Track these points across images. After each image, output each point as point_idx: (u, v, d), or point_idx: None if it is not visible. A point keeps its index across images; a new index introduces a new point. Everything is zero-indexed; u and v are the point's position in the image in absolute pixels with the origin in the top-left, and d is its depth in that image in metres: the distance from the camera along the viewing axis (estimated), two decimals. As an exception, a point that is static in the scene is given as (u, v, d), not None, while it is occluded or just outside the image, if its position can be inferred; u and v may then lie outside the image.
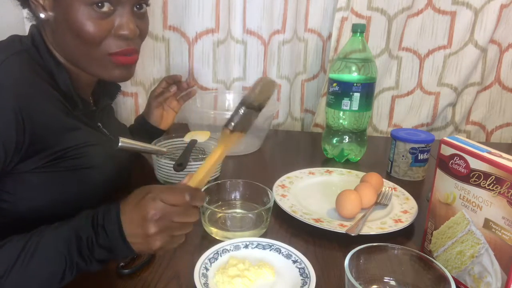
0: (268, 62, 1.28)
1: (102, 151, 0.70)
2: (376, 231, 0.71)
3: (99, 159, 0.69)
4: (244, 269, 0.59)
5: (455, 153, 0.59)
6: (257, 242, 0.65)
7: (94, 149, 0.68)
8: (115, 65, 0.67)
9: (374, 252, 0.55)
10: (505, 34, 1.27)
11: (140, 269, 0.61)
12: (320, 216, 0.76)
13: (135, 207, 0.51)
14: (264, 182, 0.79)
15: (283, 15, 1.23)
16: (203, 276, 0.57)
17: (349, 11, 1.21)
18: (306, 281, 0.57)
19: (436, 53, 1.29)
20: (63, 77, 0.66)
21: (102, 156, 0.70)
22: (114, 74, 0.69)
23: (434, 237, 0.64)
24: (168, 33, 1.21)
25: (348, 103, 1.00)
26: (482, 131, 1.40)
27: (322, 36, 1.28)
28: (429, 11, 1.25)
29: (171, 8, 1.19)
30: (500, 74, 1.32)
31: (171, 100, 1.00)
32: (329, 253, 0.68)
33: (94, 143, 0.68)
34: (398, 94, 1.35)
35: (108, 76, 0.69)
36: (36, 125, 0.59)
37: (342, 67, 1.00)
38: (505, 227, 0.52)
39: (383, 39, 1.26)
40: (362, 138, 1.07)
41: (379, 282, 0.56)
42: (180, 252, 0.66)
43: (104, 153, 0.71)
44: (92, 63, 0.67)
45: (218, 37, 1.22)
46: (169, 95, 0.98)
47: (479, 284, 0.57)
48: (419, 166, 0.98)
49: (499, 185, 0.53)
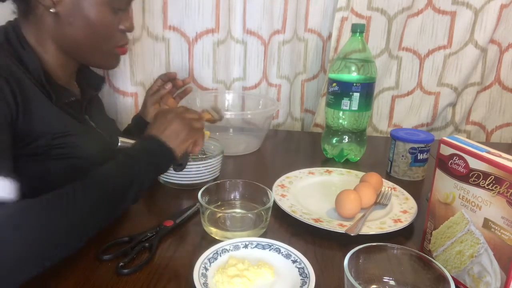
0: (268, 62, 1.28)
1: (90, 142, 0.73)
2: (375, 231, 0.71)
3: (87, 150, 0.71)
4: (244, 269, 0.59)
5: (455, 153, 0.59)
6: (256, 242, 0.65)
7: (81, 140, 0.71)
8: (116, 56, 0.79)
9: (373, 252, 0.55)
10: (505, 34, 1.27)
11: (140, 269, 0.61)
12: (320, 216, 0.77)
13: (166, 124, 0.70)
14: (263, 182, 0.79)
15: (283, 15, 1.23)
16: (203, 276, 0.57)
17: (349, 11, 1.21)
18: (306, 281, 0.57)
19: (436, 53, 1.29)
20: (36, 67, 0.68)
21: (90, 148, 0.72)
22: (112, 64, 0.80)
23: (433, 237, 0.64)
24: (168, 33, 1.21)
25: (348, 103, 1.00)
26: (482, 131, 1.40)
27: (322, 36, 1.29)
28: (429, 11, 1.25)
29: (171, 8, 1.19)
30: (500, 74, 1.32)
31: (167, 98, 1.00)
32: (328, 253, 0.68)
33: (81, 133, 0.71)
34: (398, 94, 1.35)
35: (107, 65, 0.81)
36: (25, 101, 0.62)
37: (341, 67, 1.00)
38: (504, 227, 0.52)
39: (383, 39, 1.26)
40: (362, 138, 1.07)
41: (378, 282, 0.56)
42: (180, 252, 0.67)
43: (93, 145, 0.73)
44: (98, 55, 0.76)
45: (218, 37, 1.22)
46: (164, 92, 0.98)
47: (479, 283, 0.57)
48: (418, 166, 0.98)
49: (498, 185, 0.53)
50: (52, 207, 0.53)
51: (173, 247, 0.68)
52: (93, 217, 0.57)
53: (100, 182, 0.59)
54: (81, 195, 0.55)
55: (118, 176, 0.62)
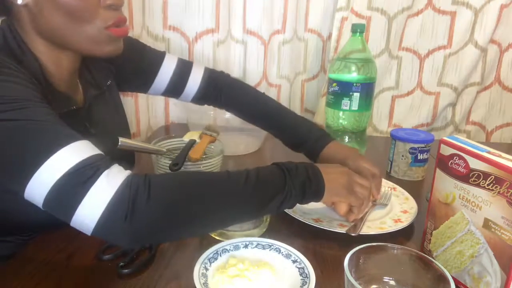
0: (268, 62, 1.28)
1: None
2: (375, 231, 0.71)
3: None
4: (244, 269, 0.59)
5: (455, 153, 0.59)
6: (256, 242, 0.65)
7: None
8: (110, 39, 0.66)
9: (373, 252, 0.55)
10: (505, 34, 1.27)
11: (140, 269, 0.61)
12: (320, 216, 0.76)
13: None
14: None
15: (283, 15, 1.23)
16: (203, 276, 0.57)
17: (349, 11, 1.21)
18: (306, 281, 0.57)
19: (436, 53, 1.29)
20: (36, 71, 0.63)
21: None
22: (107, 49, 0.67)
23: (433, 237, 0.64)
24: (168, 33, 1.21)
25: (348, 103, 1.00)
26: (482, 131, 1.40)
27: (322, 36, 1.29)
28: (429, 11, 1.25)
29: (171, 8, 1.19)
30: (500, 74, 1.32)
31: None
32: (328, 253, 0.68)
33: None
34: (398, 94, 1.35)
35: (100, 52, 0.67)
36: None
37: (341, 67, 1.00)
38: (504, 227, 0.52)
39: (383, 39, 1.26)
40: (362, 138, 1.07)
41: (378, 282, 0.56)
42: (180, 252, 0.67)
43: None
44: (85, 41, 0.65)
45: (218, 37, 1.22)
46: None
47: (479, 283, 0.57)
48: (418, 166, 0.98)
49: (498, 185, 0.53)
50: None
51: (173, 247, 0.68)
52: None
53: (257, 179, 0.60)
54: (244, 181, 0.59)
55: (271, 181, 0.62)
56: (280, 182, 0.61)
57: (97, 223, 0.50)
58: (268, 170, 0.62)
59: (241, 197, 0.59)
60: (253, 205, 0.60)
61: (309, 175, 0.64)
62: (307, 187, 0.63)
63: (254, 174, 0.60)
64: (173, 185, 0.55)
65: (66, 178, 0.50)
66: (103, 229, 0.51)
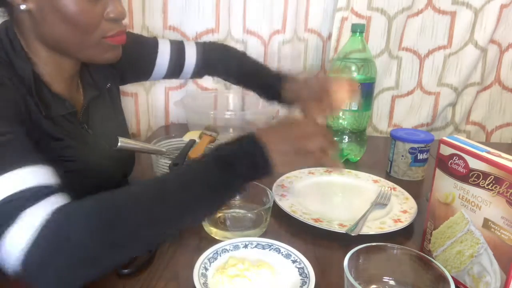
0: (268, 62, 1.28)
1: (83, 153, 0.69)
2: (375, 231, 0.71)
3: (79, 163, 0.67)
4: (244, 269, 0.59)
5: (454, 153, 0.59)
6: (256, 242, 0.65)
7: (73, 152, 0.67)
8: (109, 47, 0.67)
9: (373, 252, 0.55)
10: (505, 34, 1.27)
11: (140, 269, 0.61)
12: (320, 216, 0.77)
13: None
14: (263, 182, 0.79)
15: (283, 15, 1.23)
16: (203, 276, 0.57)
17: (349, 11, 1.21)
18: (306, 280, 0.57)
19: (436, 53, 1.29)
20: (27, 75, 0.63)
21: (83, 158, 0.68)
22: (107, 56, 0.69)
23: (433, 237, 0.64)
24: (168, 33, 1.21)
25: (348, 103, 1.00)
26: (482, 131, 1.40)
27: (322, 36, 1.28)
28: (429, 11, 1.25)
29: (171, 8, 1.19)
30: (500, 74, 1.32)
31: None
32: (328, 253, 0.68)
33: (74, 145, 0.67)
34: (398, 94, 1.35)
35: (100, 59, 0.69)
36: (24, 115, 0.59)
37: (341, 67, 1.00)
38: (504, 227, 0.52)
39: (383, 39, 1.26)
40: (362, 138, 1.07)
41: (378, 282, 0.56)
42: (180, 252, 0.67)
43: (87, 154, 0.69)
44: (85, 49, 0.66)
45: (218, 37, 1.22)
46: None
47: (478, 283, 0.57)
48: (418, 166, 0.98)
49: (498, 185, 0.53)
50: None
51: (173, 247, 0.68)
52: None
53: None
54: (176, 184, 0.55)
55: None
56: (220, 188, 0.57)
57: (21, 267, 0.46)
58: (207, 173, 0.56)
59: (177, 211, 0.54)
60: (201, 212, 0.58)
61: (254, 162, 0.58)
62: (252, 177, 0.59)
63: (189, 184, 0.55)
64: (91, 215, 0.49)
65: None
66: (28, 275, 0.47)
